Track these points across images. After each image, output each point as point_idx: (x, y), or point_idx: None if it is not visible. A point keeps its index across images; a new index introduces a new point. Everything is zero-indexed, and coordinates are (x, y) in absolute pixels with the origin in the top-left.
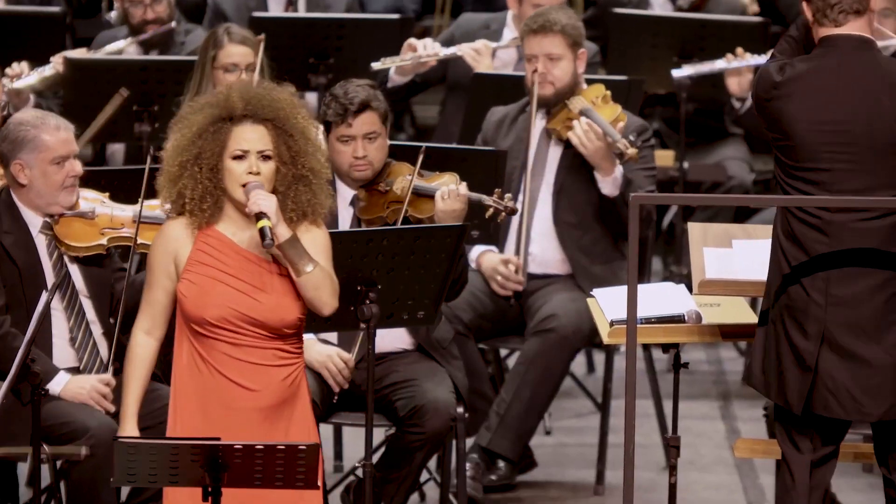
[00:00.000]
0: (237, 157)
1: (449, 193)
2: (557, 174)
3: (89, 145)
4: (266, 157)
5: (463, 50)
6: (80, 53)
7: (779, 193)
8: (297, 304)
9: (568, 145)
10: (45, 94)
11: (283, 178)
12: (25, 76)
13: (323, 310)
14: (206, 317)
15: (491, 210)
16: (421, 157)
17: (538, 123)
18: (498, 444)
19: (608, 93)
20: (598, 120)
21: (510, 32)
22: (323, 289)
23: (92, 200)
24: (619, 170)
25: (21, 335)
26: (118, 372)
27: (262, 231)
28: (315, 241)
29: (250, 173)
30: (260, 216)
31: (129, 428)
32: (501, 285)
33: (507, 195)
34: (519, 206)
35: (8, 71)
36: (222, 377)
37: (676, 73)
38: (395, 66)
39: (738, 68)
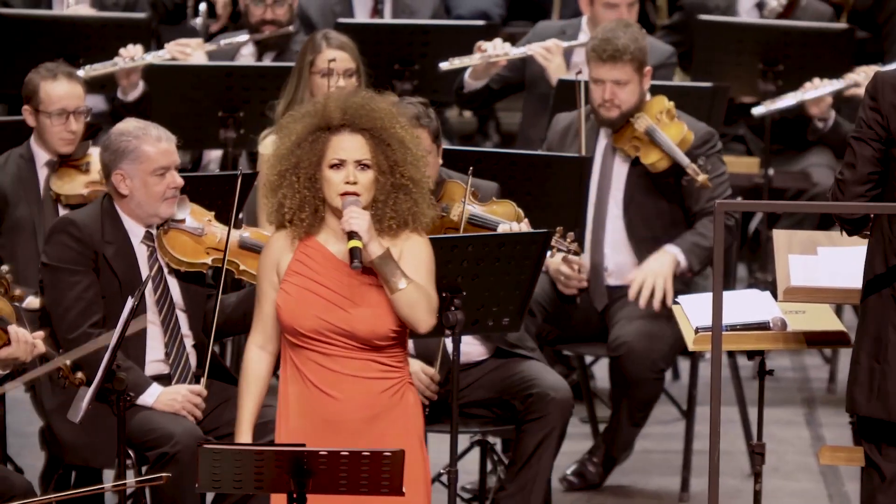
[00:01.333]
0: (334, 166)
1: (511, 230)
2: (626, 188)
3: (188, 152)
4: (364, 167)
5: (533, 49)
6: (197, 43)
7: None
8: (390, 316)
9: (635, 162)
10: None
11: (382, 187)
12: (139, 58)
13: (418, 327)
14: (298, 327)
15: (554, 251)
16: (468, 188)
17: (602, 140)
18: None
19: (671, 106)
20: (664, 141)
21: (585, 36)
22: (417, 306)
23: (199, 219)
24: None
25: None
26: (198, 378)
27: (351, 252)
28: (415, 252)
29: (348, 182)
30: (352, 235)
31: (241, 427)
32: (565, 285)
33: (570, 234)
34: (589, 218)
35: (122, 51)
36: (314, 387)
37: (756, 111)
38: (470, 71)
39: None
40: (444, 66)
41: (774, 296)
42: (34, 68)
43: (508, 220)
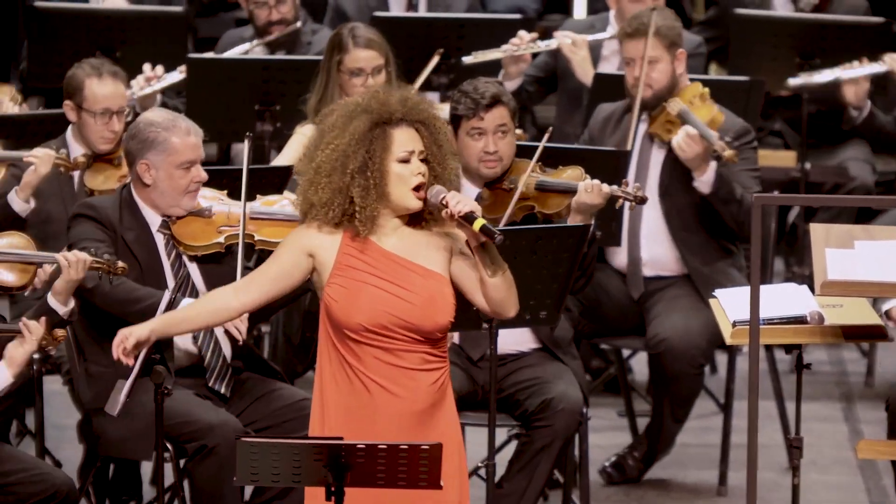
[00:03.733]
0: (403, 161)
1: (592, 187)
2: (661, 176)
3: (214, 144)
4: (424, 160)
5: (559, 41)
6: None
7: None
8: (448, 307)
9: (670, 148)
10: (169, 93)
11: (436, 179)
12: (156, 83)
13: (510, 311)
14: (358, 321)
15: (620, 200)
16: (540, 149)
17: (640, 126)
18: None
19: (706, 91)
20: (694, 121)
21: (613, 30)
22: (514, 288)
23: (209, 198)
24: (712, 168)
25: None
26: (239, 371)
27: (484, 229)
28: (459, 238)
29: (419, 174)
30: (470, 216)
31: (139, 329)
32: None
33: (636, 184)
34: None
35: (147, 72)
36: (372, 382)
37: (793, 81)
38: (503, 73)
39: (855, 78)
40: (467, 60)
41: (812, 289)
42: (77, 63)
43: (577, 179)
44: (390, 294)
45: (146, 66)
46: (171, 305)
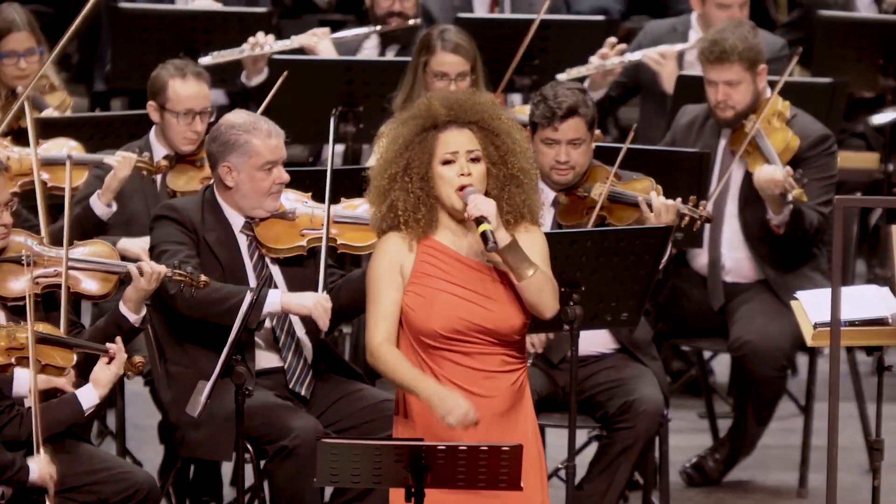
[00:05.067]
0: (447, 162)
1: (660, 212)
2: (742, 188)
3: (305, 147)
4: (475, 159)
5: (648, 56)
6: (323, 33)
7: None
8: (522, 309)
9: None
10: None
11: (496, 179)
12: (267, 46)
13: (545, 312)
14: (434, 328)
15: (687, 219)
16: (620, 158)
17: (723, 141)
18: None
19: (785, 109)
20: (767, 150)
21: (695, 34)
22: (545, 292)
23: (293, 201)
24: (787, 211)
25: (218, 281)
26: (320, 372)
27: (483, 235)
28: (533, 242)
29: (462, 175)
30: (480, 220)
31: (452, 395)
32: None
33: (703, 202)
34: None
35: (251, 39)
36: (452, 385)
37: (876, 119)
38: (588, 81)
39: None
40: (560, 77)
41: (893, 291)
42: (161, 64)
43: (646, 192)
44: (464, 300)
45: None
46: (254, 303)
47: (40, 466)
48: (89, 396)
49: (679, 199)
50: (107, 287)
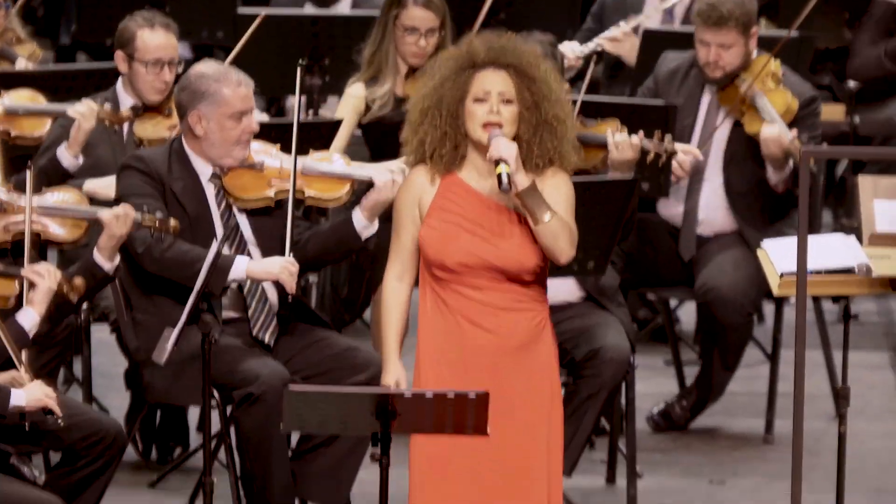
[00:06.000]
0: (479, 100)
1: (619, 145)
2: (728, 145)
3: (266, 98)
4: (507, 101)
5: (601, 44)
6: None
7: None
8: (536, 250)
9: (737, 121)
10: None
11: (528, 124)
12: None
13: (560, 258)
14: (446, 262)
15: (651, 154)
16: (579, 103)
17: (707, 96)
18: None
19: (777, 69)
20: (769, 113)
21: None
22: (561, 238)
23: (261, 152)
24: (789, 168)
25: (187, 243)
26: (284, 320)
27: (499, 177)
28: (559, 187)
29: (491, 113)
30: (499, 162)
31: (393, 369)
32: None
33: (668, 136)
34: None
35: None
36: (464, 319)
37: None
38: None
39: None
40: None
41: (860, 241)
42: (129, 15)
43: (612, 131)
44: (475, 236)
45: None
46: (219, 255)
47: (30, 392)
48: (29, 316)
49: (642, 133)
50: (76, 233)
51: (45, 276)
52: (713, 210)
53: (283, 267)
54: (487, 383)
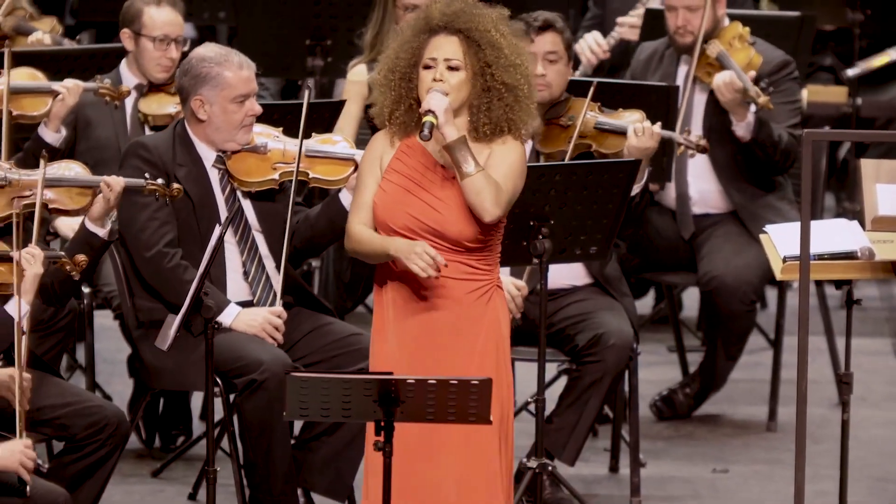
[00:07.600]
0: (427, 67)
1: (644, 130)
2: (706, 117)
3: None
4: (453, 68)
5: (621, 33)
6: None
7: None
8: (476, 220)
9: (712, 90)
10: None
11: (475, 90)
12: None
13: (483, 216)
14: (390, 224)
15: (682, 147)
16: (592, 91)
17: (683, 68)
18: None
19: (745, 31)
20: (731, 65)
21: None
22: (484, 193)
23: (264, 135)
24: (751, 115)
25: (192, 268)
26: (289, 306)
27: (422, 125)
28: (506, 154)
29: (435, 80)
30: (427, 113)
31: (400, 242)
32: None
33: (697, 133)
34: None
35: None
36: (410, 280)
37: (852, 72)
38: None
39: None
40: None
41: (862, 225)
42: None
43: (635, 122)
44: (420, 200)
45: None
46: (221, 239)
47: (6, 453)
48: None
49: (659, 124)
50: (83, 202)
51: (31, 262)
52: (703, 186)
53: (265, 320)
54: (430, 352)
